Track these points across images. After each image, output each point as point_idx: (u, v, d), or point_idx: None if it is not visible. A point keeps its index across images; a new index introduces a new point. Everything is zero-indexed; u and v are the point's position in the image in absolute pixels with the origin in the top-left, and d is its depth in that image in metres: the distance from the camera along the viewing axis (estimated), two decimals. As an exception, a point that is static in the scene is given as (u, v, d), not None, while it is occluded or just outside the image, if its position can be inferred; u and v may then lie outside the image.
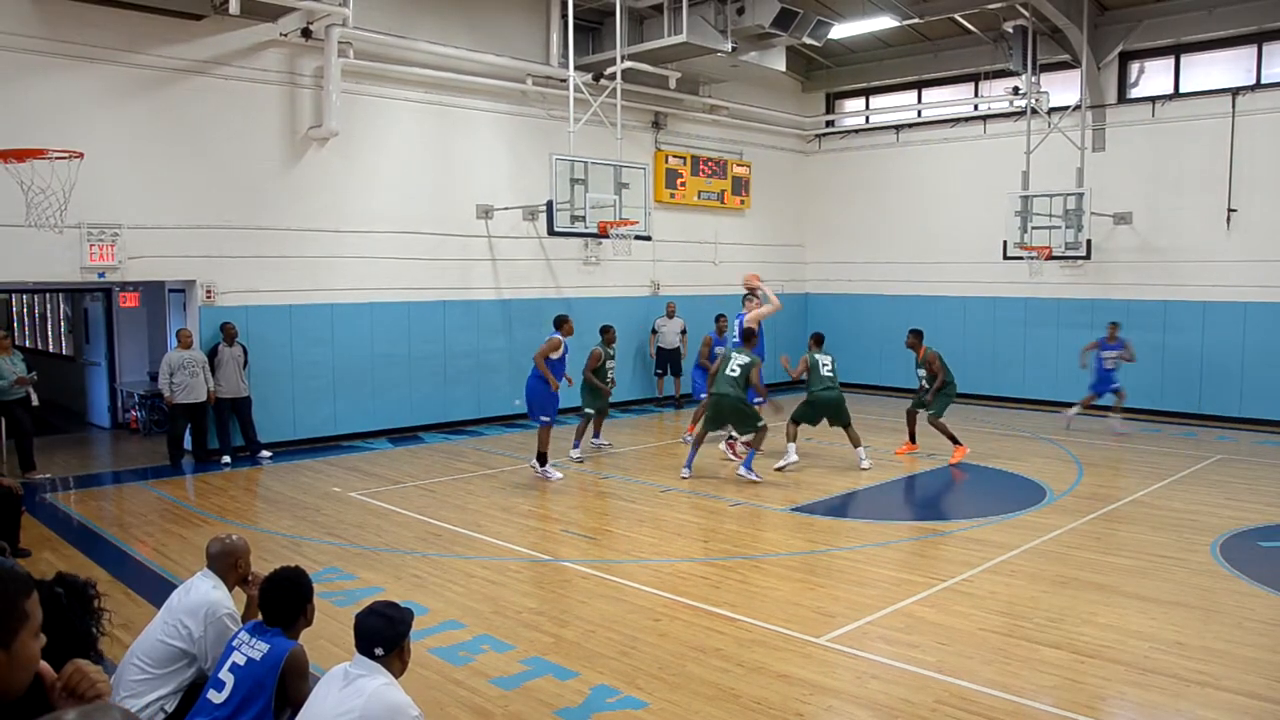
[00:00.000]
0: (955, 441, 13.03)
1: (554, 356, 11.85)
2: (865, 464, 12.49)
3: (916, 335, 13.38)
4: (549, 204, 13.87)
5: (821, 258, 21.47)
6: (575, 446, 13.22)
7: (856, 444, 12.64)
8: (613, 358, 13.29)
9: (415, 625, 4.22)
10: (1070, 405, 15.60)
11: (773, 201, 20.83)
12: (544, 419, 11.87)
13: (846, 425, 12.74)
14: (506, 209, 15.82)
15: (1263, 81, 16.06)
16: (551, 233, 14.46)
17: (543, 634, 6.83)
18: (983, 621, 7.12)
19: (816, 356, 12.89)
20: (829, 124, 21.46)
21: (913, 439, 13.61)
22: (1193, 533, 9.51)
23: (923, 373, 13.28)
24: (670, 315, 18.08)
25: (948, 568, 8.50)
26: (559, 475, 11.84)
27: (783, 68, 17.50)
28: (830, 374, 12.82)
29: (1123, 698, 5.93)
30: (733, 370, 11.75)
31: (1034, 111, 17.41)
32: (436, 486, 11.65)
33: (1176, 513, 10.36)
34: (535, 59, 16.10)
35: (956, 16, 17.33)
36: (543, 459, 11.89)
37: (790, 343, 18.28)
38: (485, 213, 15.69)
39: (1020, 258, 17.06)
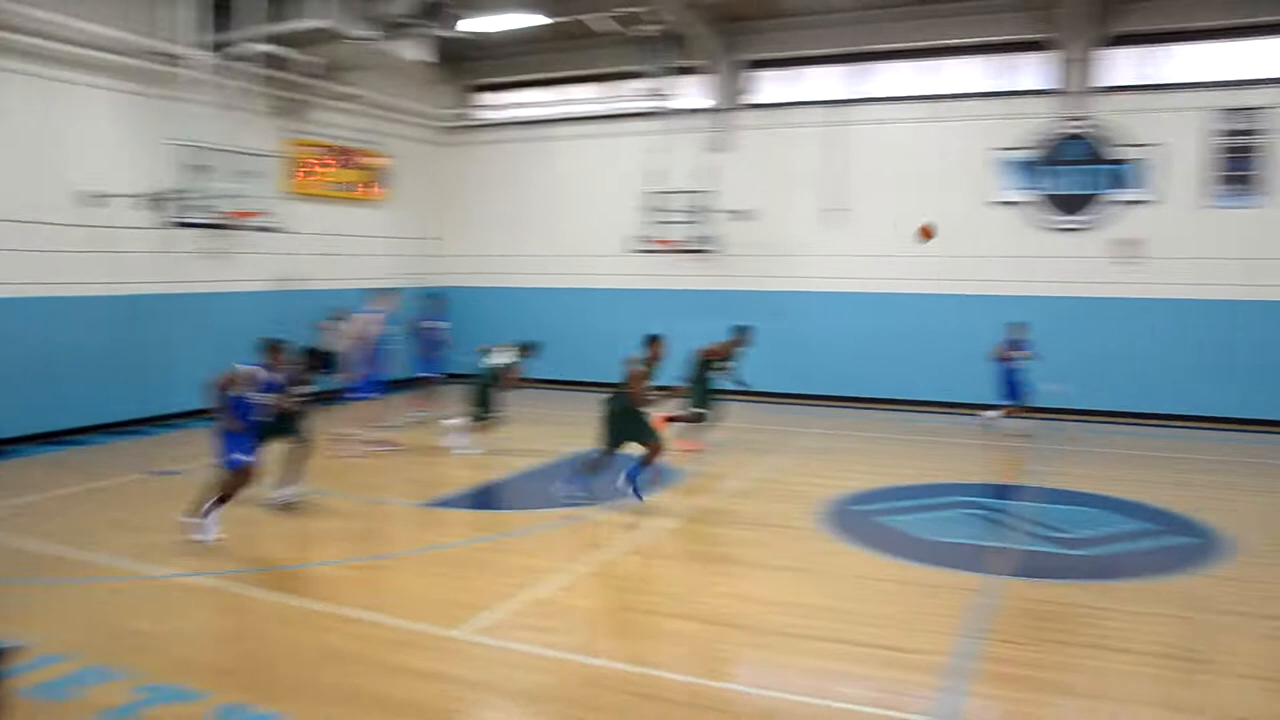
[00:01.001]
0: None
1: (242, 392, 8.74)
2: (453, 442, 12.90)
3: (743, 332, 13.81)
4: (170, 192, 12.89)
5: (462, 251, 21.45)
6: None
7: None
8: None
9: (12, 663, 3.79)
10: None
11: (413, 194, 20.54)
12: (237, 458, 8.76)
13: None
14: (121, 196, 14.40)
15: (864, 96, 18.06)
16: (173, 223, 13.40)
17: (162, 656, 6.30)
18: (618, 600, 7.46)
19: (494, 347, 13.31)
20: (471, 117, 21.47)
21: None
22: (804, 503, 10.43)
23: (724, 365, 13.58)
24: (341, 317, 17.16)
25: (583, 552, 8.81)
26: (216, 537, 8.69)
27: (424, 58, 17.24)
28: (487, 366, 13.16)
29: (747, 659, 6.46)
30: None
31: (666, 112, 18.43)
32: (33, 505, 10.40)
33: (791, 485, 11.34)
34: (159, 34, 14.70)
35: (592, 19, 17.91)
36: (212, 506, 8.73)
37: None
38: (96, 200, 14.23)
39: (651, 251, 18.10)
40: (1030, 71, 17.02)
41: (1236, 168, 15.71)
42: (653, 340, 10.78)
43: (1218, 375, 15.82)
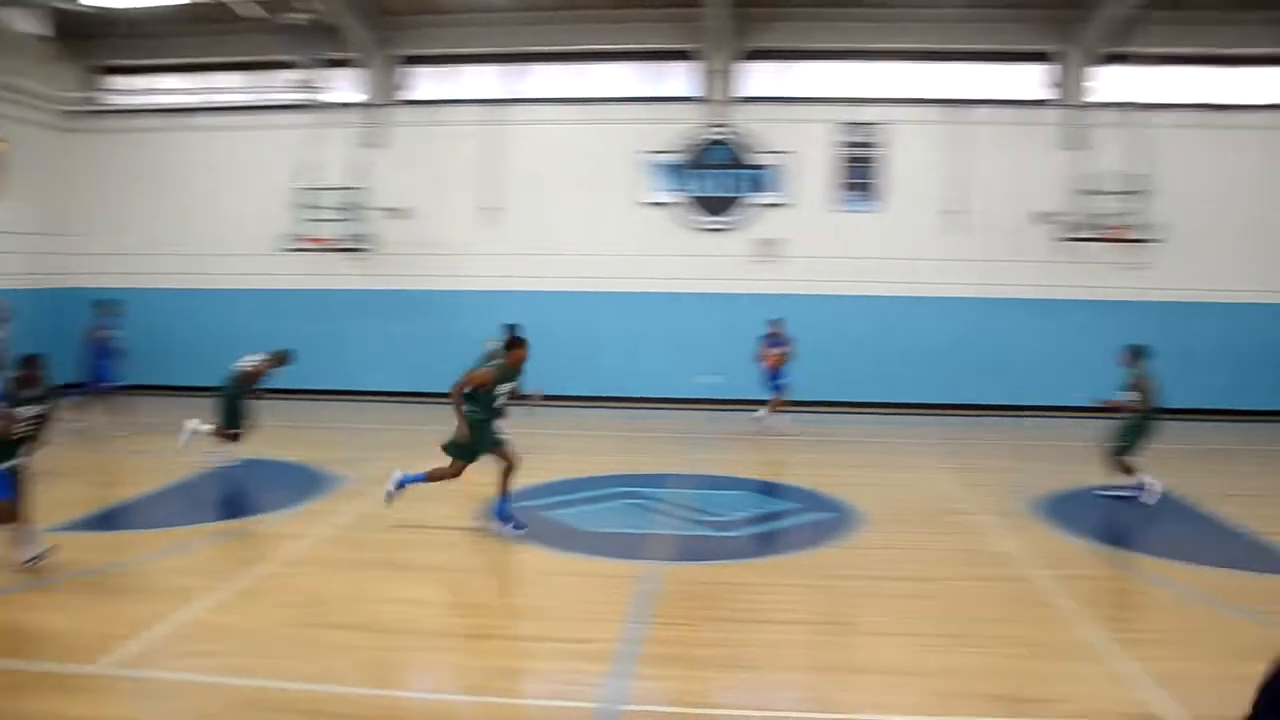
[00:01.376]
0: None
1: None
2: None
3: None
4: None
5: (93, 248, 19.39)
6: None
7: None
8: None
9: None
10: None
11: (31, 184, 18.35)
12: None
13: None
14: None
15: (520, 96, 18.32)
16: None
17: None
18: (281, 616, 7.08)
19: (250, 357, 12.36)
20: (101, 101, 19.57)
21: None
22: (467, 502, 10.34)
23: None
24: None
25: (240, 567, 8.29)
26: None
27: (38, 31, 15.51)
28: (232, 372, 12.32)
29: (418, 664, 6.37)
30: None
31: (318, 106, 17.76)
32: None
33: (453, 485, 11.16)
34: None
35: (236, 3, 16.85)
36: None
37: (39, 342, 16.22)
38: None
39: (303, 250, 17.46)
40: (677, 79, 18.02)
41: (857, 175, 17.54)
42: (512, 343, 9.44)
43: (850, 363, 17.48)
